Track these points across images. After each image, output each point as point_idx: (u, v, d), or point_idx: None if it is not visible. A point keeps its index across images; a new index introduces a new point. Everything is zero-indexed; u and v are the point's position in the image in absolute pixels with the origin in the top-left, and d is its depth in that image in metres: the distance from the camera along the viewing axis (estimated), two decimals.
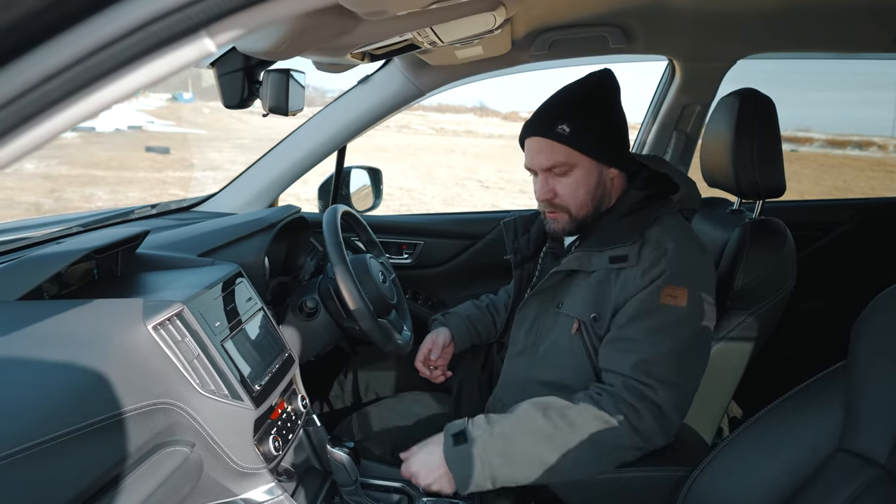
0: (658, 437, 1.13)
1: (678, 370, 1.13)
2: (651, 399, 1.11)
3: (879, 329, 0.95)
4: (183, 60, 0.43)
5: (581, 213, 1.27)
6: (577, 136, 1.21)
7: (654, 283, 1.15)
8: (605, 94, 1.27)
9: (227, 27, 0.43)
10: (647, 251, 1.18)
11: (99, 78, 0.42)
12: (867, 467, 0.90)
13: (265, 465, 1.14)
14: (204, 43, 0.43)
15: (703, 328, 1.18)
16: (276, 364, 1.27)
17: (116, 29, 0.39)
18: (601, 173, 1.26)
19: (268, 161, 1.89)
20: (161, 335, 1.02)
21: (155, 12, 0.40)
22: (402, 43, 1.07)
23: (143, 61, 0.42)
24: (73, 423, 0.83)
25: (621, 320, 1.17)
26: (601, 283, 1.21)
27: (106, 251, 1.21)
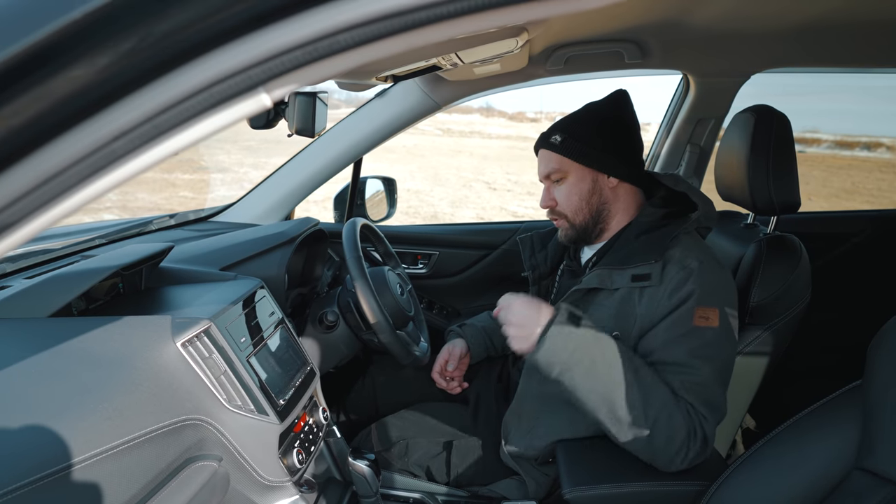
0: (689, 463, 1.16)
1: (722, 389, 1.17)
2: (703, 428, 1.14)
3: (894, 351, 0.96)
4: (241, 114, 0.46)
5: (578, 219, 1.33)
6: (566, 144, 1.29)
7: (684, 304, 1.17)
8: (605, 110, 1.32)
9: (282, 83, 0.46)
10: (671, 271, 1.19)
11: (163, 134, 0.44)
12: (883, 486, 0.91)
13: (289, 477, 1.17)
14: (261, 98, 0.46)
15: (733, 345, 1.21)
16: (299, 378, 1.29)
17: (183, 90, 0.41)
18: (595, 180, 1.31)
19: (285, 172, 1.92)
20: (189, 352, 1.05)
21: (219, 75, 0.42)
22: (426, 66, 1.09)
23: (204, 117, 0.44)
24: (106, 442, 0.86)
25: (657, 343, 1.18)
26: (624, 301, 1.23)
27: (133, 268, 1.23)
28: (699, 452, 1.15)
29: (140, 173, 0.47)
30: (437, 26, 0.45)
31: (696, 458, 1.15)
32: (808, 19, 1.43)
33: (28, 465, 0.76)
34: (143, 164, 0.46)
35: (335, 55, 0.45)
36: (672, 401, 1.13)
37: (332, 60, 0.46)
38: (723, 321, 1.17)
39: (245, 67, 0.42)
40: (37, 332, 1.03)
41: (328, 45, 0.44)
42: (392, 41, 0.46)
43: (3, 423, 0.80)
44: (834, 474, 0.98)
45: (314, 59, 0.45)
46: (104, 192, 0.46)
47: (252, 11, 0.41)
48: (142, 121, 0.42)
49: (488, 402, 1.54)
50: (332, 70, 0.46)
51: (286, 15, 0.42)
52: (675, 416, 1.13)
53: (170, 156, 0.47)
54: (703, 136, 1.95)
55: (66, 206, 0.45)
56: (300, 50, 0.43)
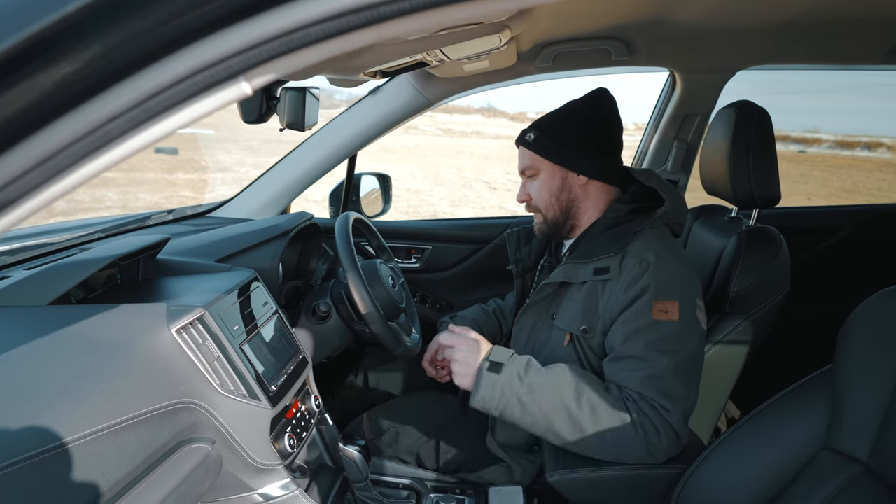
0: (659, 459, 1.19)
1: (683, 383, 1.19)
2: (668, 422, 1.17)
3: (863, 334, 1.00)
4: (223, 101, 0.50)
5: (549, 214, 1.39)
6: (538, 141, 1.35)
7: (640, 298, 1.20)
8: (580, 109, 1.36)
9: (262, 72, 0.49)
10: (628, 264, 1.23)
11: (153, 117, 0.48)
12: (849, 465, 0.95)
13: (281, 461, 1.21)
14: (242, 86, 0.49)
15: (698, 337, 1.24)
16: (291, 365, 1.33)
17: (170, 78, 0.45)
18: (565, 178, 1.36)
19: (280, 168, 1.95)
20: (184, 338, 1.08)
21: (201, 64, 0.46)
22: (412, 62, 1.13)
23: (190, 102, 0.48)
24: (102, 422, 0.89)
25: (618, 338, 1.22)
26: (589, 295, 1.28)
27: (130, 258, 1.27)
28: (673, 443, 1.18)
29: (133, 154, 0.50)
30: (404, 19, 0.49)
31: (671, 449, 1.18)
32: (793, 16, 1.46)
33: (27, 442, 0.79)
34: (136, 146, 0.49)
35: (309, 46, 0.49)
36: (617, 409, 1.16)
37: (306, 51, 0.49)
38: (684, 315, 1.20)
39: (225, 57, 0.46)
40: (36, 318, 1.07)
41: (301, 37, 0.48)
42: (362, 33, 0.49)
43: (3, 403, 0.84)
44: (804, 454, 1.02)
45: (289, 49, 0.48)
46: (101, 171, 0.50)
47: (232, 6, 0.45)
48: (133, 105, 0.46)
49: None
50: (306, 60, 0.50)
51: (262, 9, 0.46)
52: (625, 424, 1.16)
53: (160, 139, 0.50)
54: (689, 132, 1.98)
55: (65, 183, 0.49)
56: (276, 41, 0.47)
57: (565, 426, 1.17)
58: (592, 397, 1.17)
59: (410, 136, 25.82)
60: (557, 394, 1.18)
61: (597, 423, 1.16)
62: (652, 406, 1.17)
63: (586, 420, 1.16)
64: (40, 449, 0.80)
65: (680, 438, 1.18)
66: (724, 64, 1.83)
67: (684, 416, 1.18)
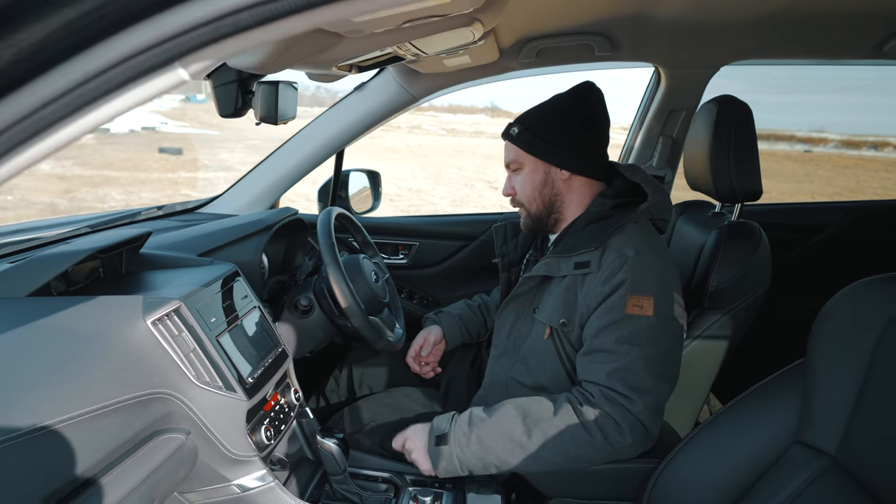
0: (638, 448, 1.19)
1: (651, 376, 1.18)
2: (630, 412, 1.16)
3: (834, 328, 1.00)
4: (160, 87, 0.50)
5: (533, 209, 1.39)
6: (521, 136, 1.36)
7: (616, 292, 1.21)
8: (563, 103, 1.36)
9: (198, 59, 0.50)
10: (608, 258, 1.23)
11: (88, 104, 0.48)
12: (818, 458, 0.95)
13: (257, 453, 1.21)
14: (178, 72, 0.50)
15: (673, 333, 1.23)
16: (270, 358, 1.34)
17: (103, 62, 0.46)
18: (548, 172, 1.36)
19: (268, 165, 1.97)
20: (159, 330, 1.09)
21: (134, 48, 0.46)
22: (385, 56, 1.13)
23: (125, 89, 0.49)
24: (75, 409, 0.90)
25: (591, 332, 1.23)
26: (569, 289, 1.28)
27: (110, 251, 1.28)
28: (639, 436, 1.18)
29: (72, 141, 0.51)
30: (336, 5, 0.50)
31: (640, 443, 1.18)
32: (775, 10, 1.46)
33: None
34: (74, 132, 0.50)
35: (242, 32, 0.50)
36: (570, 424, 1.17)
37: (239, 37, 0.50)
38: (659, 310, 1.20)
39: (157, 42, 0.47)
40: (14, 310, 1.08)
41: (233, 23, 0.49)
42: (294, 20, 0.50)
43: None
44: (775, 448, 1.03)
45: (221, 35, 0.49)
46: (40, 159, 0.51)
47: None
48: (66, 90, 0.47)
49: (460, 386, 1.59)
50: (240, 45, 0.51)
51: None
52: (583, 434, 1.17)
53: (98, 125, 0.51)
54: (675, 128, 1.98)
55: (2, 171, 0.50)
56: (207, 26, 0.48)
57: (527, 461, 1.18)
58: (542, 425, 1.18)
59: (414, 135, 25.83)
60: (506, 435, 1.19)
61: (553, 446, 1.17)
62: (613, 401, 1.17)
63: (542, 448, 1.17)
64: (11, 435, 0.81)
65: (648, 430, 1.18)
66: (707, 59, 1.82)
67: (652, 408, 1.18)
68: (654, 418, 1.19)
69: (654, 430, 1.19)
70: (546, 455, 1.17)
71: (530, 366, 1.34)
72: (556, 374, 1.30)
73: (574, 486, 1.25)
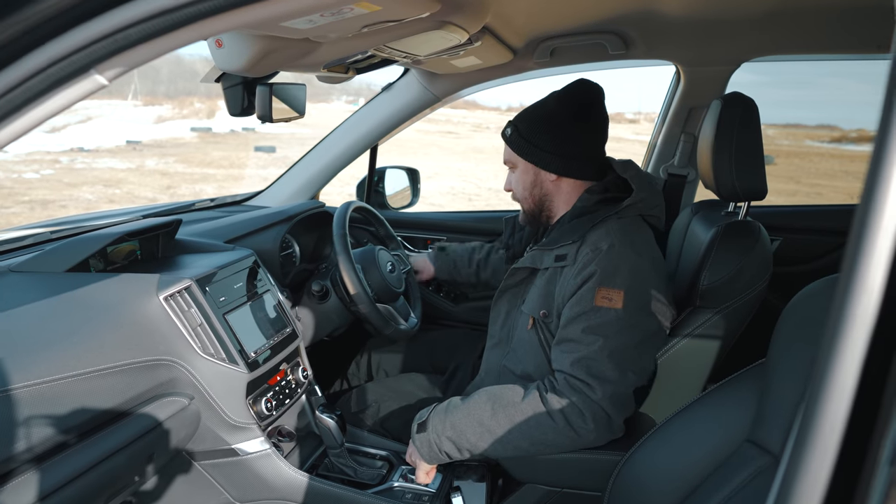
0: (602, 436, 1.22)
1: (615, 366, 1.20)
2: (592, 399, 1.19)
3: (792, 327, 0.99)
4: (81, 92, 0.61)
5: (525, 206, 1.45)
6: (513, 138, 1.41)
7: (586, 283, 1.23)
8: (551, 105, 1.38)
9: (110, 66, 0.60)
10: (583, 251, 1.26)
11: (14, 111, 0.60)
12: (762, 457, 0.95)
13: (257, 421, 1.33)
14: (95, 78, 0.61)
15: (644, 329, 1.24)
16: (278, 338, 1.45)
17: (23, 73, 0.57)
18: (537, 174, 1.40)
19: (306, 161, 2.11)
20: (171, 305, 1.23)
21: (48, 59, 0.57)
22: (374, 58, 1.22)
23: (48, 96, 0.60)
24: (87, 366, 1.05)
25: (562, 322, 1.27)
26: (549, 281, 1.32)
27: (140, 235, 1.44)
28: (603, 425, 1.20)
29: (14, 138, 0.63)
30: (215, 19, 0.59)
31: (603, 431, 1.21)
32: (791, 4, 1.42)
33: (17, 375, 0.96)
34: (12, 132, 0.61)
35: (147, 41, 0.60)
36: (535, 409, 1.21)
37: (146, 45, 0.60)
38: (630, 303, 1.21)
39: (69, 52, 0.58)
40: (50, 282, 1.25)
41: (137, 32, 0.59)
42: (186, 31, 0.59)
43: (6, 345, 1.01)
44: (729, 445, 1.03)
45: (129, 44, 0.59)
46: None
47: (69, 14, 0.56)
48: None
49: (464, 373, 1.65)
50: (147, 54, 0.61)
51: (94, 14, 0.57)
52: (546, 419, 1.20)
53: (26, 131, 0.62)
54: (696, 126, 1.93)
55: None
56: (111, 38, 0.58)
57: (495, 445, 1.23)
58: (509, 410, 1.22)
59: None
60: (476, 420, 1.24)
61: (518, 430, 1.21)
62: (576, 388, 1.19)
63: (509, 433, 1.21)
64: (30, 382, 0.96)
65: (611, 418, 1.20)
66: (725, 55, 1.78)
67: (614, 397, 1.19)
68: (618, 408, 1.20)
69: (617, 419, 1.21)
70: (513, 439, 1.21)
71: (519, 355, 1.39)
72: (540, 364, 1.34)
73: (546, 473, 1.29)
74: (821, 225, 2.05)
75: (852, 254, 0.44)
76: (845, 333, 0.44)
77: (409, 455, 1.36)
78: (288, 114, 1.29)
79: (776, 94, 26.60)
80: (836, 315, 0.45)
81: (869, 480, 0.45)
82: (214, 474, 1.34)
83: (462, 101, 2.28)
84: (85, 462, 1.05)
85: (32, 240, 1.52)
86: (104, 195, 9.57)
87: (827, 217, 2.09)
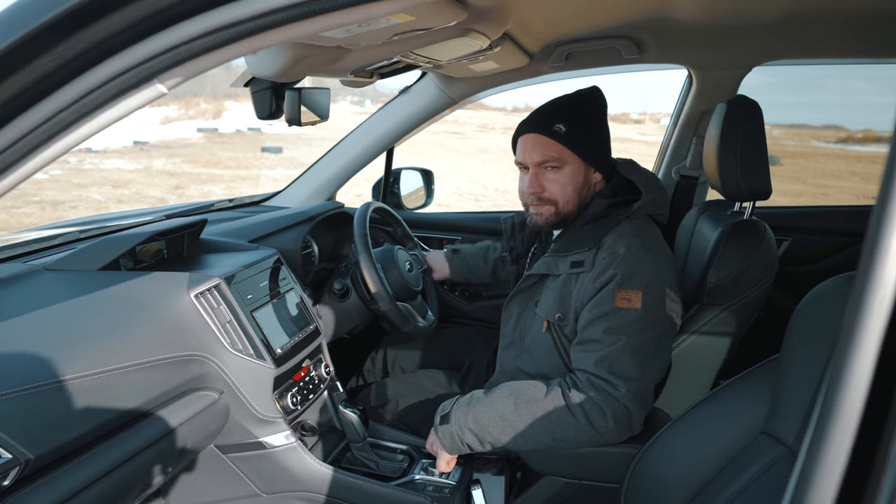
0: (622, 433, 1.26)
1: (636, 364, 1.24)
2: (614, 397, 1.23)
3: (807, 320, 1.03)
4: (144, 100, 0.65)
5: (567, 208, 1.40)
6: (570, 135, 1.35)
7: (605, 287, 1.26)
8: (595, 107, 1.41)
9: (173, 75, 0.65)
10: (601, 256, 1.29)
11: (92, 111, 0.64)
12: (777, 447, 0.99)
13: (283, 416, 1.38)
14: (157, 87, 0.65)
15: (661, 326, 1.28)
16: (302, 334, 1.50)
17: (94, 81, 0.61)
18: (587, 174, 1.40)
19: (324, 162, 2.15)
20: (201, 302, 1.28)
21: (118, 69, 0.61)
22: (399, 64, 1.26)
23: (117, 100, 0.64)
24: (124, 361, 1.09)
25: (582, 324, 1.30)
26: (564, 285, 1.35)
27: (168, 234, 1.49)
28: (623, 421, 1.24)
29: (83, 139, 0.67)
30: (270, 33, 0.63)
31: (623, 428, 1.25)
32: (802, 9, 1.46)
33: (58, 369, 1.00)
34: (85, 133, 0.66)
35: (206, 53, 0.64)
36: (556, 405, 1.24)
37: (204, 57, 0.64)
38: (648, 302, 1.25)
39: (137, 63, 0.62)
40: (84, 280, 1.30)
41: (200, 45, 0.63)
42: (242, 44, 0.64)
43: (44, 341, 1.05)
44: (744, 438, 1.06)
45: (190, 56, 0.63)
46: (58, 155, 0.67)
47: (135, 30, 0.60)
48: (73, 101, 0.63)
49: (478, 370, 1.69)
50: (204, 65, 0.65)
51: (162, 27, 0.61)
52: (567, 416, 1.24)
53: (103, 127, 0.67)
54: None
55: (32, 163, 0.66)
56: (175, 50, 0.62)
57: (517, 439, 1.26)
58: (531, 406, 1.26)
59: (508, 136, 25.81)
60: (498, 415, 1.27)
61: (539, 425, 1.24)
62: (598, 387, 1.23)
63: (530, 427, 1.25)
64: (67, 376, 1.00)
65: (632, 415, 1.23)
66: (737, 60, 1.81)
67: (636, 394, 1.23)
68: (639, 405, 1.24)
69: (638, 416, 1.25)
70: (534, 434, 1.25)
71: (533, 356, 1.43)
72: (555, 365, 1.38)
73: (565, 466, 1.33)
74: (828, 226, 2.09)
75: (869, 251, 0.47)
76: (862, 329, 0.47)
77: (431, 445, 1.39)
78: (313, 117, 1.34)
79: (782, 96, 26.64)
80: (853, 311, 0.47)
81: (880, 472, 0.48)
82: (242, 467, 1.38)
83: (468, 102, 2.31)
84: (121, 454, 1.09)
85: (62, 239, 1.56)
86: (113, 196, 9.65)
87: (834, 218, 2.13)
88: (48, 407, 0.97)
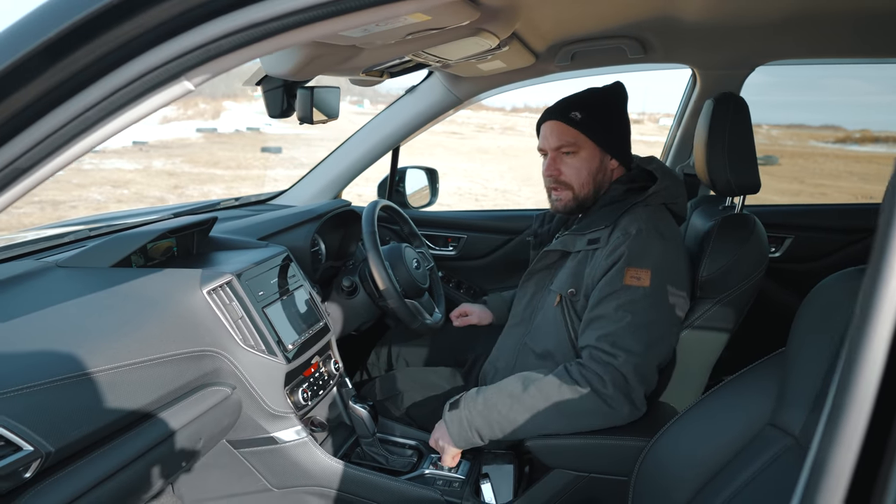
0: (622, 406, 1.28)
1: (639, 340, 1.27)
2: (613, 366, 1.26)
3: (813, 314, 1.05)
4: (171, 97, 0.67)
5: (582, 192, 1.47)
6: (585, 121, 1.43)
7: (615, 265, 1.31)
8: (614, 98, 1.47)
9: (199, 73, 0.66)
10: (615, 235, 1.35)
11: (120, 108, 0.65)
12: (784, 438, 1.00)
13: (294, 411, 1.39)
14: (185, 84, 0.66)
15: (668, 305, 1.32)
16: (312, 331, 1.51)
17: (124, 79, 0.63)
18: (602, 160, 1.46)
19: (330, 161, 2.16)
20: (213, 298, 1.29)
21: (147, 67, 0.63)
22: (409, 63, 1.27)
23: (146, 97, 0.65)
24: (138, 357, 1.11)
25: (592, 301, 1.34)
26: (580, 263, 1.40)
27: (179, 232, 1.50)
28: (621, 391, 1.26)
29: (110, 136, 0.69)
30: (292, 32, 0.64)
31: (627, 398, 1.27)
32: (805, 9, 1.48)
33: (75, 364, 1.01)
34: (111, 130, 0.67)
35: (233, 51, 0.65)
36: (563, 381, 1.28)
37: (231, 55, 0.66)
38: (656, 281, 1.29)
39: (165, 62, 0.63)
40: (97, 277, 1.31)
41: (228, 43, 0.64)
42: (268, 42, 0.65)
43: (60, 337, 1.07)
44: (751, 429, 1.08)
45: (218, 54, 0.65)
46: (87, 150, 0.69)
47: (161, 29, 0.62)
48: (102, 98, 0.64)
49: (482, 364, 1.71)
50: (231, 63, 0.66)
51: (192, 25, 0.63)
52: (573, 388, 1.26)
53: (130, 124, 0.68)
54: None
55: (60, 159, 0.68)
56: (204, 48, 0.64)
57: (526, 416, 1.29)
58: (537, 383, 1.29)
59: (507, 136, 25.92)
60: (506, 392, 1.31)
61: (549, 400, 1.27)
62: (598, 358, 1.27)
63: (538, 401, 1.28)
64: (85, 371, 1.02)
65: (630, 385, 1.26)
66: (741, 59, 1.83)
67: (636, 368, 1.26)
68: (637, 378, 1.27)
69: (637, 389, 1.28)
70: (541, 410, 1.27)
71: (542, 332, 1.46)
72: (561, 342, 1.42)
73: (573, 459, 1.34)
74: (830, 223, 2.11)
75: (880, 245, 0.48)
76: (872, 323, 0.48)
77: (436, 439, 1.40)
78: (324, 116, 1.35)
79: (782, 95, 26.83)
80: (864, 306, 0.49)
81: (891, 463, 0.50)
82: (254, 462, 1.40)
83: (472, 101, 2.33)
84: (138, 448, 1.11)
85: (73, 237, 1.58)
86: (113, 196, 9.65)
87: (835, 215, 2.15)
88: (67, 401, 0.98)
